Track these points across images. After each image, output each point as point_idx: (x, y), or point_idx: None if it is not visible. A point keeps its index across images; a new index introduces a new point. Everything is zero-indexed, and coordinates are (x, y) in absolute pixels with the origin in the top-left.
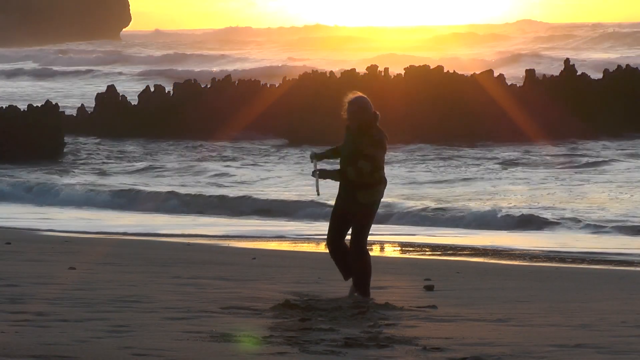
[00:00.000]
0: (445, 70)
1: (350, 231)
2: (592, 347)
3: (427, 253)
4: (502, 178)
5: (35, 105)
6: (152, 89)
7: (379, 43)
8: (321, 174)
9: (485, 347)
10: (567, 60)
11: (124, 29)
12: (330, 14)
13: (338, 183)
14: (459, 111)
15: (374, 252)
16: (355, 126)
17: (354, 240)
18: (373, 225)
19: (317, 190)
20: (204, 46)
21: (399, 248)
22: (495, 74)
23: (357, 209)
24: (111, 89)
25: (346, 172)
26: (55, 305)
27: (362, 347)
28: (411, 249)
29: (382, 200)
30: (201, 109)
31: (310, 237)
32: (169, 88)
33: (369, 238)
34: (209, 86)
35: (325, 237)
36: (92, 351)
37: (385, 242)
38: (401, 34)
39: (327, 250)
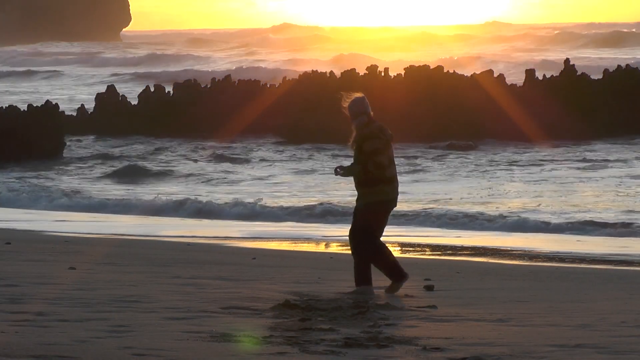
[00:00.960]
0: (445, 71)
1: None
2: (592, 347)
3: (427, 253)
4: (501, 178)
5: (35, 105)
6: (150, 90)
7: (343, 44)
8: (345, 173)
9: (485, 347)
10: (567, 60)
11: (124, 29)
12: (327, 14)
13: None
14: (458, 111)
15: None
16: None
17: (356, 221)
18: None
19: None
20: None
21: (399, 248)
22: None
23: (359, 206)
24: (111, 89)
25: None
26: (55, 305)
27: (362, 347)
28: (411, 249)
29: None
30: (201, 109)
31: (310, 238)
32: (168, 88)
33: None
34: (209, 86)
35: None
36: (92, 351)
37: (386, 242)
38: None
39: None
